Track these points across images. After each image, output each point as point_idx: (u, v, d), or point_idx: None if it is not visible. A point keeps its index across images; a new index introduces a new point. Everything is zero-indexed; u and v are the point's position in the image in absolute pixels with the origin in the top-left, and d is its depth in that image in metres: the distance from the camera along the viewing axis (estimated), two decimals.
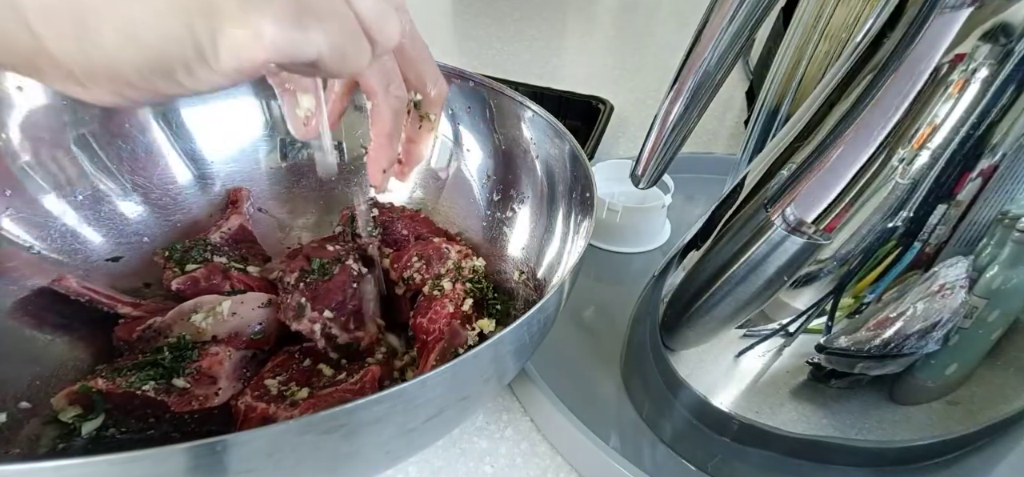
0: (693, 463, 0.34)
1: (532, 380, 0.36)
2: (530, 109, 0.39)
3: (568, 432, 0.33)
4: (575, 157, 0.36)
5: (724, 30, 0.27)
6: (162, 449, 0.16)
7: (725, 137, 0.70)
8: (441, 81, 0.33)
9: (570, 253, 0.35)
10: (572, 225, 0.36)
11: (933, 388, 0.27)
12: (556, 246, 0.37)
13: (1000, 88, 0.21)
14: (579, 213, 0.35)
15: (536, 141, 0.39)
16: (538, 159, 0.39)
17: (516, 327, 0.24)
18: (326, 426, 0.19)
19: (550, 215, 0.38)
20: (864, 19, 0.39)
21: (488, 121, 0.41)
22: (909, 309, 0.25)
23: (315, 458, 0.20)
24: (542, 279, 0.37)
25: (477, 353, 0.22)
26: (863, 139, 0.24)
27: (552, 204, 0.38)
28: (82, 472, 0.16)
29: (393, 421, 0.21)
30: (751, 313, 0.29)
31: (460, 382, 0.24)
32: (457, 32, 0.99)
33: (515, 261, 0.40)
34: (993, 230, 0.23)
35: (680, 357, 0.33)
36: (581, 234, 0.34)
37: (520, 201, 0.40)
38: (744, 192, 0.30)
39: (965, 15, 0.21)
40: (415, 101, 0.33)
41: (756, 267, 0.28)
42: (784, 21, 0.60)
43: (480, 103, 0.41)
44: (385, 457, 0.26)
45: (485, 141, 0.42)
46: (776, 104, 0.45)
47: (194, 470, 0.18)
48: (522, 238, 0.40)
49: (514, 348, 0.26)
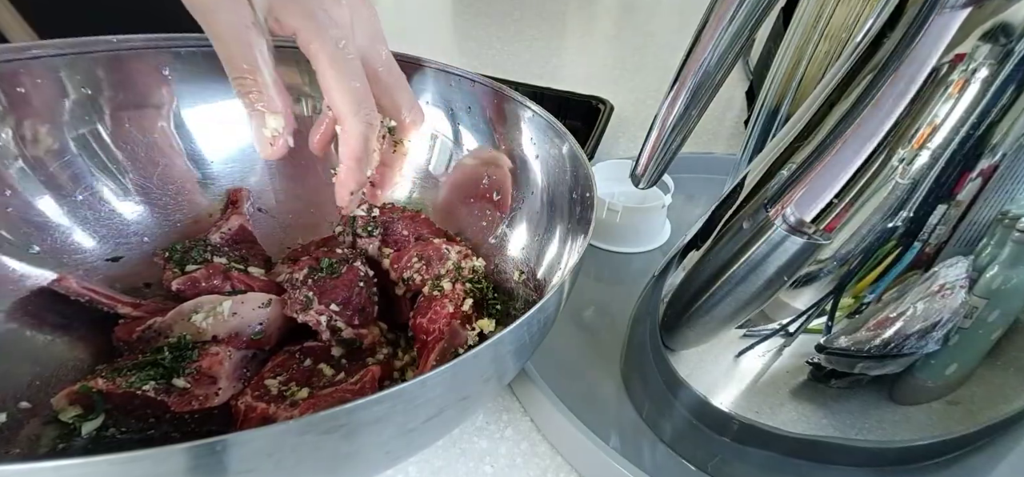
0: (693, 463, 0.34)
1: (532, 380, 0.36)
2: (530, 109, 0.39)
3: (568, 432, 0.33)
4: (575, 157, 0.36)
5: (724, 30, 0.27)
6: (162, 449, 0.16)
7: (725, 137, 0.70)
8: (417, 109, 0.35)
9: (570, 253, 0.35)
10: (572, 225, 0.36)
11: (933, 388, 0.27)
12: (556, 246, 0.37)
13: (1000, 88, 0.21)
14: (579, 213, 0.35)
15: (536, 141, 0.39)
16: (538, 159, 0.39)
17: (516, 327, 0.24)
18: (326, 426, 0.19)
19: (550, 215, 0.38)
20: (864, 19, 0.39)
21: (488, 121, 0.41)
22: (909, 309, 0.25)
23: (315, 458, 0.20)
24: (542, 279, 0.37)
25: (477, 353, 0.22)
26: (863, 139, 0.24)
27: (552, 204, 0.38)
28: (82, 472, 0.16)
29: (393, 421, 0.21)
30: (751, 313, 0.29)
31: (460, 382, 0.24)
32: (457, 32, 0.99)
33: (515, 261, 0.40)
34: (993, 230, 0.23)
35: (680, 357, 0.33)
36: (581, 234, 0.34)
37: (520, 201, 0.40)
38: (744, 192, 0.30)
39: (965, 15, 0.21)
40: (389, 127, 0.34)
41: (756, 267, 0.28)
42: (784, 21, 0.60)
43: (480, 103, 0.41)
44: (385, 457, 0.26)
45: (485, 141, 0.42)
46: (776, 104, 0.45)
47: (194, 470, 0.18)
48: (522, 238, 0.40)
49: (514, 348, 0.26)
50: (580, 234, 0.34)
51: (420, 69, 0.41)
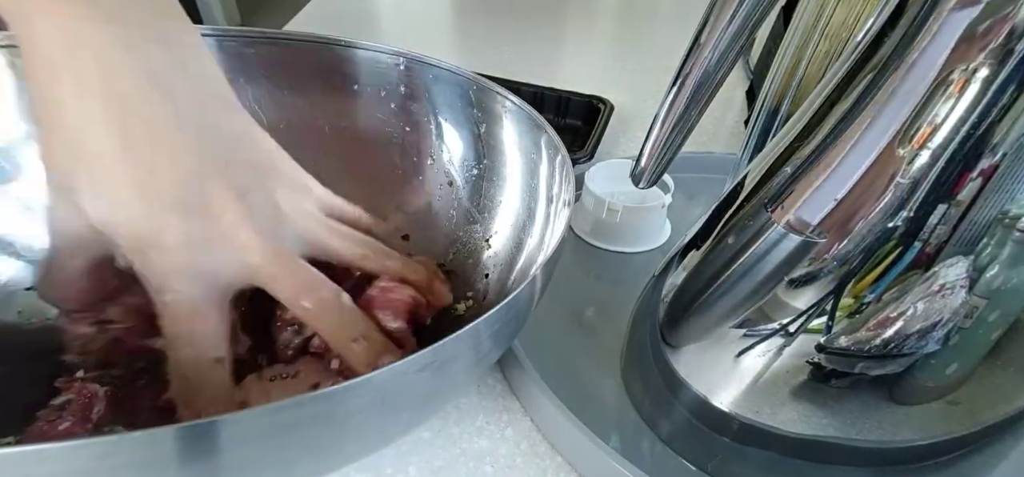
0: (693, 463, 0.34)
1: (532, 380, 0.36)
2: (508, 100, 0.38)
3: (568, 432, 0.33)
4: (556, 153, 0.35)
5: (724, 30, 0.27)
6: (147, 432, 0.16)
7: (725, 137, 0.70)
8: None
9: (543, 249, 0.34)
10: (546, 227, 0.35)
11: (933, 388, 0.27)
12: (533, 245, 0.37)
13: (1000, 88, 0.21)
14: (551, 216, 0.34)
15: (514, 132, 0.39)
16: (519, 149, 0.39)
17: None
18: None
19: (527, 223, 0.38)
20: (864, 19, 0.39)
21: (470, 111, 0.41)
22: (909, 309, 0.25)
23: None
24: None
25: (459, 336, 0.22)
26: (863, 139, 0.24)
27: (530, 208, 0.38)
28: (64, 456, 0.16)
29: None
30: (750, 311, 0.29)
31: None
32: (457, 32, 0.99)
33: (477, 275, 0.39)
34: (993, 230, 0.23)
35: (680, 357, 0.33)
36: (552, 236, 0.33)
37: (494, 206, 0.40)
38: (744, 192, 0.30)
39: (964, 16, 0.21)
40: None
41: (756, 266, 0.28)
42: (784, 21, 0.60)
43: (459, 95, 0.41)
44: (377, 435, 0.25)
45: (464, 130, 0.42)
46: (776, 104, 0.45)
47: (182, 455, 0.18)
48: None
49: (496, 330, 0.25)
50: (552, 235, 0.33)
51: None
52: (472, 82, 0.40)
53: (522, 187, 0.39)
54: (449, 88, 0.41)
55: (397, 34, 0.96)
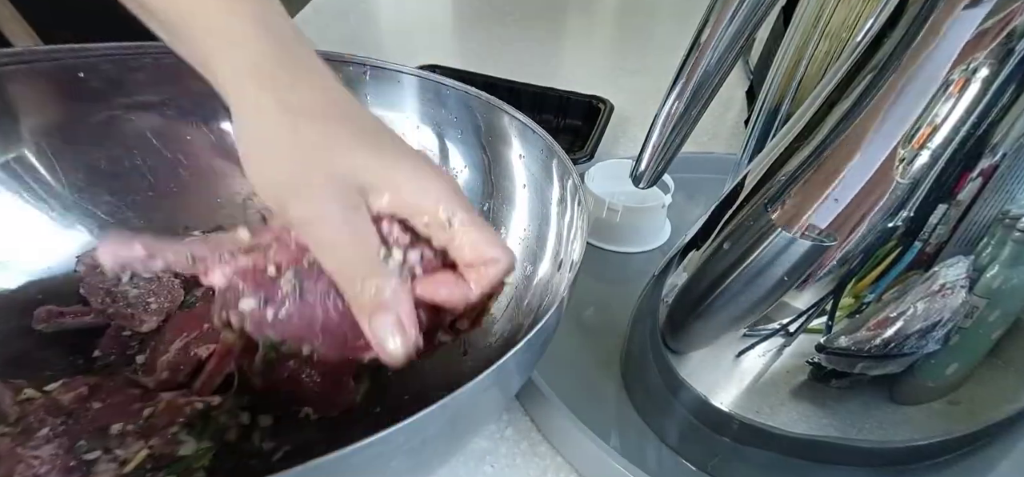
0: (693, 463, 0.34)
1: (532, 380, 0.36)
2: (512, 115, 0.38)
3: (568, 432, 0.33)
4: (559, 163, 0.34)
5: (724, 30, 0.27)
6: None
7: (725, 137, 0.70)
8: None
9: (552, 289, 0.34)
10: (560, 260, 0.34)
11: (933, 388, 0.27)
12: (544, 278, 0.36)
13: (1000, 88, 0.21)
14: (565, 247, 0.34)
15: (521, 150, 0.38)
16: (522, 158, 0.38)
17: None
18: None
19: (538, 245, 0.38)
20: (864, 19, 0.39)
21: (475, 131, 0.40)
22: (909, 309, 0.25)
23: None
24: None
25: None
26: (862, 139, 0.24)
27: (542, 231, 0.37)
28: None
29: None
30: (750, 311, 0.29)
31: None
32: (457, 32, 0.99)
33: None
34: (993, 230, 0.23)
35: (680, 357, 0.33)
36: (564, 274, 0.32)
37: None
38: (744, 192, 0.30)
39: (965, 14, 0.21)
40: None
41: (756, 266, 0.28)
42: (784, 21, 0.60)
43: (467, 116, 0.40)
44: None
45: (472, 151, 0.41)
46: (776, 104, 0.45)
47: None
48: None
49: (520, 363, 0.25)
50: (563, 273, 0.32)
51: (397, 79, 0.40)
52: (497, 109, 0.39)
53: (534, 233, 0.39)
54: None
55: (397, 34, 0.96)
